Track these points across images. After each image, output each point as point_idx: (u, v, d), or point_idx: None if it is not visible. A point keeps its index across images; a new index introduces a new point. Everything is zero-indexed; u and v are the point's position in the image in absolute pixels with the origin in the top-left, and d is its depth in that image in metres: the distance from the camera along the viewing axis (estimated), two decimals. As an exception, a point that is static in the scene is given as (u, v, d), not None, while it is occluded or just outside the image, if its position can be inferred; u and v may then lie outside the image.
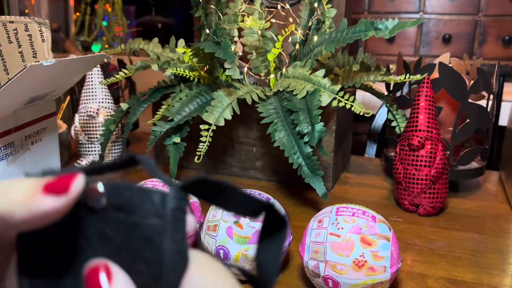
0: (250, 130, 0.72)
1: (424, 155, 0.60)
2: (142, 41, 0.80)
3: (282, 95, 0.65)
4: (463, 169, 0.68)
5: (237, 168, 0.75)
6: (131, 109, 0.71)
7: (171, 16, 2.08)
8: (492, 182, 0.76)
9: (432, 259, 0.50)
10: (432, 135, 0.60)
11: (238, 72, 0.68)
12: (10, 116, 0.51)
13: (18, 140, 0.53)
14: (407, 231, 0.57)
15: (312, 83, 0.63)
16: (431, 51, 1.60)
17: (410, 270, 0.48)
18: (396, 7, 1.63)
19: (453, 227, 0.59)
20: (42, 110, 0.58)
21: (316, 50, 0.64)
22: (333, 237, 0.40)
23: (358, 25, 0.60)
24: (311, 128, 0.57)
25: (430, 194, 0.60)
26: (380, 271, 0.39)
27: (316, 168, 0.58)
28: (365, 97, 1.17)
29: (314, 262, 0.40)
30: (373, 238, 0.39)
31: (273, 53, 0.64)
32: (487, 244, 0.54)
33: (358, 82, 0.68)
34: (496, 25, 1.52)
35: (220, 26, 0.68)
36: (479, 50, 1.56)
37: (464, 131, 0.65)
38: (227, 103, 0.63)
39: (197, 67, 0.67)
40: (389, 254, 0.39)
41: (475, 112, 0.65)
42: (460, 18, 1.56)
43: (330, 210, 0.43)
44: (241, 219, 0.43)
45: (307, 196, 0.67)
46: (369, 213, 0.42)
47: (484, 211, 0.64)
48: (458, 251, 0.52)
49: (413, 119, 0.62)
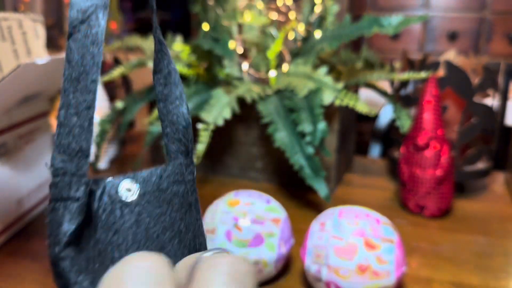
0: (250, 130, 0.71)
1: (429, 155, 0.59)
2: (138, 38, 0.79)
3: (283, 94, 0.63)
4: (469, 170, 0.67)
5: (236, 169, 0.74)
6: (127, 108, 0.70)
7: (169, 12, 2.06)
8: (498, 183, 0.74)
9: (438, 262, 0.49)
10: (438, 135, 0.59)
11: (237, 69, 0.67)
12: (3, 116, 0.50)
13: (11, 140, 0.51)
14: (412, 234, 0.56)
15: (314, 81, 0.61)
16: (436, 48, 1.59)
17: (415, 274, 0.47)
18: (400, 3, 1.61)
19: (459, 229, 0.57)
20: (35, 110, 0.57)
21: (318, 47, 0.63)
22: (335, 240, 0.39)
23: (361, 21, 0.58)
24: (313, 128, 0.56)
25: (436, 195, 0.59)
26: (384, 276, 0.37)
27: (318, 169, 0.57)
28: (369, 96, 1.16)
29: (316, 266, 0.39)
30: (377, 241, 0.38)
31: (273, 50, 0.63)
32: (493, 246, 0.53)
33: (361, 80, 0.67)
34: (503, 22, 1.50)
35: (219, 22, 0.67)
36: (485, 47, 1.54)
37: (470, 131, 0.64)
38: (226, 101, 0.62)
39: (195, 65, 0.66)
40: (394, 258, 0.38)
41: (481, 111, 0.64)
42: (465, 15, 1.54)
43: (333, 212, 0.42)
44: (241, 221, 0.41)
45: (309, 198, 0.66)
46: (373, 215, 0.41)
47: (491, 213, 0.62)
48: (464, 254, 0.51)
49: (418, 119, 0.60)
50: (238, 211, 0.42)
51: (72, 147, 0.21)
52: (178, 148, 0.28)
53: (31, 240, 0.53)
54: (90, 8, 0.21)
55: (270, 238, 0.41)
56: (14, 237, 0.53)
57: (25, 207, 0.55)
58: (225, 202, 0.44)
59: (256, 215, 0.42)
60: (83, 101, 0.21)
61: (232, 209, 0.42)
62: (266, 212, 0.43)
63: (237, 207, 0.42)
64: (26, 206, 0.55)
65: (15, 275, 0.45)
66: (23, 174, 0.54)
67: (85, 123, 0.21)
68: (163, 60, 0.28)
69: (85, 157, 0.22)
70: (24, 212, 0.55)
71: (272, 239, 0.41)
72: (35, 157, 0.57)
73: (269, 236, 0.41)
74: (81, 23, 0.21)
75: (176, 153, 0.28)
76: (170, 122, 0.28)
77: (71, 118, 0.21)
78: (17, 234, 0.54)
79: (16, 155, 0.52)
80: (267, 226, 0.42)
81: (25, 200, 0.55)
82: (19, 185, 0.53)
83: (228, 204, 0.43)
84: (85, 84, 0.21)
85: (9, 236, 0.52)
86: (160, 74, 0.28)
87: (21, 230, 0.55)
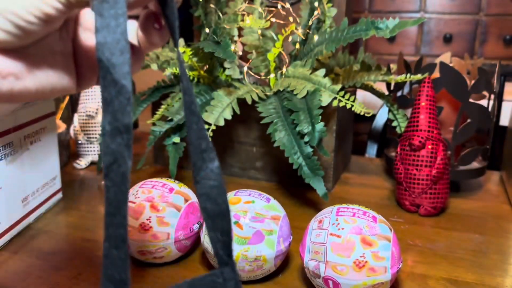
0: (250, 130, 0.72)
1: (425, 155, 0.60)
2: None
3: (282, 95, 0.64)
4: (464, 169, 0.68)
5: (237, 168, 0.75)
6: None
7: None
8: (494, 182, 0.75)
9: (433, 259, 0.50)
10: (433, 135, 0.60)
11: (238, 71, 0.68)
12: (9, 116, 0.51)
13: (17, 140, 0.52)
14: (408, 232, 0.57)
15: (313, 82, 0.62)
16: (432, 50, 1.60)
17: (411, 271, 0.48)
18: (397, 6, 1.62)
19: (454, 227, 0.58)
20: (41, 110, 0.58)
21: (317, 49, 0.64)
22: (333, 237, 0.40)
23: (358, 24, 0.59)
24: (312, 128, 0.57)
25: (431, 194, 0.60)
26: (380, 272, 0.39)
27: (317, 168, 0.58)
28: (366, 97, 1.17)
29: (315, 262, 0.40)
30: (374, 238, 0.39)
31: (273, 52, 0.64)
32: (488, 244, 0.54)
33: (358, 81, 0.68)
34: (497, 25, 1.52)
35: (220, 25, 0.68)
36: (480, 50, 1.55)
37: (465, 131, 0.65)
38: (227, 102, 0.63)
39: (196, 67, 0.67)
40: (390, 254, 0.39)
41: (476, 112, 0.65)
42: (461, 18, 1.56)
43: (331, 210, 0.43)
44: (241, 219, 0.42)
45: (308, 197, 0.67)
46: (370, 213, 0.42)
47: (486, 212, 0.63)
48: (459, 251, 0.52)
49: (414, 119, 0.61)
50: (239, 209, 0.43)
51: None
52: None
53: (36, 238, 0.53)
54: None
55: (270, 235, 0.42)
56: (19, 235, 0.54)
57: (30, 206, 0.56)
58: (226, 200, 0.45)
59: (256, 213, 0.43)
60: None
61: (233, 207, 0.43)
62: (266, 210, 0.44)
63: (238, 206, 0.44)
64: (31, 205, 0.56)
65: (20, 272, 0.46)
66: (29, 174, 0.55)
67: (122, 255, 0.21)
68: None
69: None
70: (29, 210, 0.56)
71: (271, 236, 0.43)
72: (41, 157, 0.58)
73: (269, 234, 0.42)
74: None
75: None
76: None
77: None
78: (22, 232, 0.55)
79: (22, 155, 0.53)
80: (267, 223, 0.43)
81: (30, 199, 0.56)
82: (24, 184, 0.54)
83: (229, 202, 0.44)
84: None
85: (14, 234, 0.53)
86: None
87: (26, 228, 0.56)
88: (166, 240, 0.45)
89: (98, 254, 0.50)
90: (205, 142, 0.24)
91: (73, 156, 0.83)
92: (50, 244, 0.52)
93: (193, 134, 0.23)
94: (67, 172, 0.76)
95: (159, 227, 0.45)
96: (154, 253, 0.46)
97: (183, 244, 0.47)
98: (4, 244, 0.51)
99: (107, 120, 0.20)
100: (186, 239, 0.47)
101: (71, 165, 0.80)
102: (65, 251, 0.50)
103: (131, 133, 0.20)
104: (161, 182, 0.48)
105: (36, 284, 0.44)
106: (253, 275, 0.43)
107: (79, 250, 0.51)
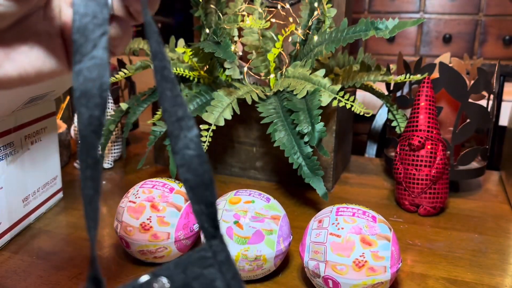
0: (250, 130, 0.72)
1: (424, 155, 0.60)
2: (141, 40, 0.80)
3: (282, 95, 0.64)
4: (463, 169, 0.68)
5: (237, 168, 0.75)
6: (131, 109, 0.71)
7: (170, 16, 2.07)
8: (493, 182, 0.76)
9: (433, 259, 0.50)
10: (433, 135, 0.60)
11: (238, 72, 0.68)
12: (10, 116, 0.51)
13: (18, 140, 0.52)
14: (408, 231, 0.57)
15: (312, 83, 0.62)
16: (431, 51, 1.60)
17: (410, 271, 0.48)
18: (396, 7, 1.63)
19: (453, 227, 0.58)
20: (41, 110, 0.58)
21: (316, 49, 0.64)
22: (333, 237, 0.40)
23: (358, 25, 0.60)
24: (311, 128, 0.57)
25: (431, 194, 0.60)
26: (380, 271, 0.39)
27: (316, 168, 0.58)
28: (365, 97, 1.17)
29: (314, 262, 0.40)
30: (373, 238, 0.39)
31: (273, 53, 0.64)
32: (487, 244, 0.54)
33: (358, 82, 0.68)
34: (497, 25, 1.52)
35: (220, 25, 0.68)
36: (479, 50, 1.55)
37: (464, 131, 0.65)
38: (227, 103, 0.63)
39: (197, 67, 0.67)
40: (389, 254, 0.39)
41: (475, 112, 0.65)
42: (460, 18, 1.56)
43: (330, 210, 0.43)
44: (241, 219, 0.43)
45: (307, 196, 0.67)
46: (369, 213, 0.42)
47: (485, 211, 0.64)
48: (458, 251, 0.52)
49: (413, 119, 0.61)
50: (239, 209, 0.43)
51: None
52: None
53: (37, 238, 0.54)
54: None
55: (270, 235, 0.43)
56: (20, 235, 0.54)
57: (31, 206, 0.56)
58: (226, 200, 0.45)
59: (256, 212, 0.43)
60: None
61: (233, 207, 0.44)
62: (266, 210, 0.44)
63: (238, 205, 0.44)
64: (31, 205, 0.56)
65: (20, 272, 0.46)
66: (29, 173, 0.55)
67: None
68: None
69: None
70: (30, 210, 0.56)
71: (271, 236, 0.43)
72: (41, 157, 0.58)
73: (269, 233, 0.43)
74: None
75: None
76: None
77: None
78: (23, 232, 0.55)
79: (23, 155, 0.53)
80: (267, 223, 0.43)
81: (30, 198, 0.56)
82: (25, 184, 0.54)
83: (229, 202, 0.44)
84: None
85: (15, 234, 0.53)
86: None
87: (27, 228, 0.56)
88: (166, 240, 0.45)
89: (99, 253, 0.50)
90: (182, 109, 0.21)
91: (74, 156, 0.83)
92: (51, 243, 0.52)
93: (167, 102, 0.21)
94: (68, 172, 0.76)
95: (160, 227, 0.45)
96: (155, 252, 0.46)
97: (183, 244, 0.47)
98: (4, 244, 0.51)
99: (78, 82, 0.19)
100: (186, 238, 0.47)
101: (71, 165, 0.80)
102: (65, 251, 0.51)
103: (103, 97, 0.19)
104: (162, 182, 0.49)
105: (36, 283, 0.44)
106: (253, 274, 0.44)
107: (80, 250, 0.51)
